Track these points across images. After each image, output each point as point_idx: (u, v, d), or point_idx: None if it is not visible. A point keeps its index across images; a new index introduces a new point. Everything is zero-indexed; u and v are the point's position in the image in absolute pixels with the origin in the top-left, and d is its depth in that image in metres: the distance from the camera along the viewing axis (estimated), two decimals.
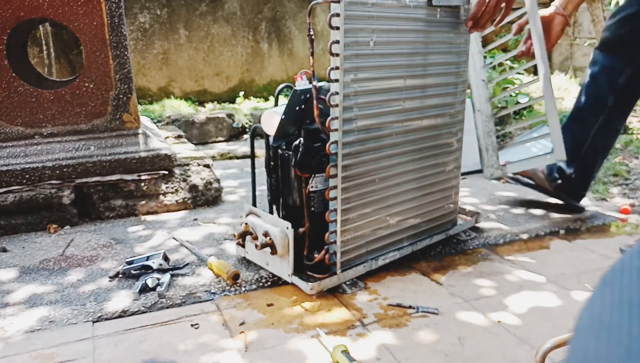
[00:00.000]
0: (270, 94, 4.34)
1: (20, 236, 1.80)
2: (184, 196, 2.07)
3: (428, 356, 1.14)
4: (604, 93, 1.86)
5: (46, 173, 1.84)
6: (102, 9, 1.86)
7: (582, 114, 1.92)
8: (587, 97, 1.90)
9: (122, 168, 1.94)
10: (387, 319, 1.29)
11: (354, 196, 1.38)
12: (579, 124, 1.92)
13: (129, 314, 1.30)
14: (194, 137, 3.36)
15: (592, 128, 1.89)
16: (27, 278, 1.48)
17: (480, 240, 1.79)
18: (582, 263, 1.65)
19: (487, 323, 1.28)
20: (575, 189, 1.99)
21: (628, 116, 1.92)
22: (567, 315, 1.33)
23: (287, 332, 1.23)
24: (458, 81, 1.60)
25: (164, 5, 3.96)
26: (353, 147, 1.34)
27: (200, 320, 1.27)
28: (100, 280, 1.46)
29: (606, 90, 1.85)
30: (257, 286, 1.45)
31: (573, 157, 1.91)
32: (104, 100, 1.94)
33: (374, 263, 1.50)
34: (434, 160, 1.60)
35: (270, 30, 4.33)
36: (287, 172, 1.42)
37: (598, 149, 1.92)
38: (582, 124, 1.92)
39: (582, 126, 1.92)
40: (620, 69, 1.82)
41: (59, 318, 1.27)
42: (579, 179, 1.97)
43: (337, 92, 1.26)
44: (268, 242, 1.39)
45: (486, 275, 1.55)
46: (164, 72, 4.03)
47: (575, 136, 1.92)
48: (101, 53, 1.90)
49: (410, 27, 1.41)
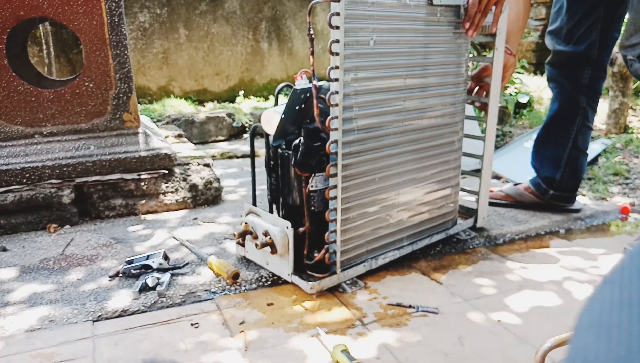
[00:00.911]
0: (270, 93, 4.34)
1: (20, 236, 1.80)
2: (184, 195, 2.06)
3: (428, 355, 1.14)
4: (573, 96, 1.94)
5: (46, 172, 1.84)
6: (102, 8, 1.86)
7: (559, 120, 1.98)
8: (559, 103, 1.97)
9: (122, 167, 1.94)
10: (387, 318, 1.29)
11: (354, 196, 1.38)
12: (558, 130, 1.98)
13: (129, 313, 1.30)
14: (194, 136, 3.36)
15: (572, 131, 1.96)
16: (27, 277, 1.48)
17: (480, 239, 1.79)
18: (582, 262, 1.65)
19: (487, 323, 1.28)
20: (568, 194, 2.02)
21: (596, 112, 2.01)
22: (567, 315, 1.33)
23: (287, 331, 1.23)
24: (458, 80, 1.60)
25: (163, 5, 3.95)
26: (353, 146, 1.34)
27: (200, 320, 1.28)
28: (100, 280, 1.46)
29: (575, 92, 1.93)
30: (257, 286, 1.45)
31: (559, 163, 1.98)
32: (104, 99, 1.94)
33: (373, 262, 1.50)
34: (434, 159, 1.60)
35: (270, 30, 4.33)
36: (287, 171, 1.42)
37: (581, 149, 1.99)
38: (561, 129, 1.98)
39: (562, 131, 1.98)
40: (580, 71, 1.91)
41: (59, 317, 1.27)
42: (570, 183, 2.01)
43: (337, 92, 1.26)
44: (268, 241, 1.39)
45: (486, 274, 1.55)
46: (164, 72, 4.03)
47: (557, 142, 1.98)
48: (101, 52, 1.90)
49: (411, 26, 1.41)
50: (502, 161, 2.66)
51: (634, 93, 3.82)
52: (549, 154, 2.00)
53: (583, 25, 1.84)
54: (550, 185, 2.00)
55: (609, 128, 3.21)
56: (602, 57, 1.90)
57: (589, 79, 1.91)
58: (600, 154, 2.78)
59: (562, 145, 1.97)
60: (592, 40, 1.85)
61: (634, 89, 3.79)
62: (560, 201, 2.02)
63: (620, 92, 3.16)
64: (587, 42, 1.85)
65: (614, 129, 3.19)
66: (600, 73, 1.92)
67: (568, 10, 1.85)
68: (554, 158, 1.99)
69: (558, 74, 1.96)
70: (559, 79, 1.96)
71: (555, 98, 1.99)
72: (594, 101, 1.96)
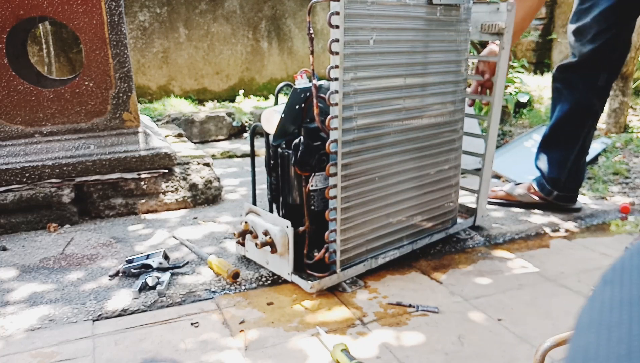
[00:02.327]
0: (270, 92, 4.34)
1: (20, 235, 1.80)
2: (184, 194, 2.06)
3: (428, 354, 1.15)
4: (587, 99, 1.92)
5: (46, 171, 1.84)
6: (101, 8, 1.86)
7: (569, 122, 1.96)
8: (570, 105, 1.94)
9: (122, 166, 1.94)
10: (387, 318, 1.29)
11: (353, 195, 1.38)
12: (568, 132, 1.97)
13: (129, 313, 1.30)
14: (194, 136, 3.36)
15: (582, 133, 1.95)
16: (27, 276, 1.48)
17: (480, 239, 1.79)
18: (582, 261, 1.65)
19: (487, 322, 1.28)
20: (571, 194, 2.03)
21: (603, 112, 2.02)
22: (567, 314, 1.33)
23: (287, 330, 1.23)
24: (458, 79, 1.60)
25: (163, 4, 3.95)
26: (353, 145, 1.34)
27: (200, 319, 1.28)
28: (100, 279, 1.46)
29: (589, 95, 1.91)
30: (257, 285, 1.45)
31: (565, 164, 1.98)
32: (104, 99, 1.94)
33: (373, 261, 1.50)
34: (434, 158, 1.60)
35: (270, 29, 4.33)
36: (287, 171, 1.42)
37: (585, 150, 2.00)
38: (570, 131, 1.96)
39: (571, 134, 1.96)
40: (597, 74, 1.88)
41: (59, 316, 1.27)
42: (574, 183, 2.01)
43: (337, 91, 1.26)
44: (268, 241, 1.39)
45: (486, 273, 1.55)
46: (164, 71, 4.03)
47: (566, 144, 1.97)
48: (101, 52, 1.90)
49: (410, 25, 1.41)
50: (502, 161, 2.66)
51: (634, 92, 3.82)
52: (555, 156, 1.99)
53: (617, 29, 1.80)
54: (555, 186, 1.99)
55: (609, 127, 3.21)
56: (620, 60, 1.89)
57: (605, 82, 1.89)
58: (600, 153, 2.78)
59: (570, 147, 1.96)
60: (618, 44, 1.84)
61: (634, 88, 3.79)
62: (564, 201, 2.02)
63: (620, 91, 3.15)
64: (613, 46, 1.83)
65: (614, 128, 3.19)
66: (615, 76, 1.92)
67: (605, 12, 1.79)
68: (560, 159, 1.97)
69: (574, 77, 1.92)
70: (573, 81, 1.92)
71: (564, 100, 1.95)
72: (604, 103, 1.96)
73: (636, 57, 3.08)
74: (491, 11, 1.64)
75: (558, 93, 1.99)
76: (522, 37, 4.47)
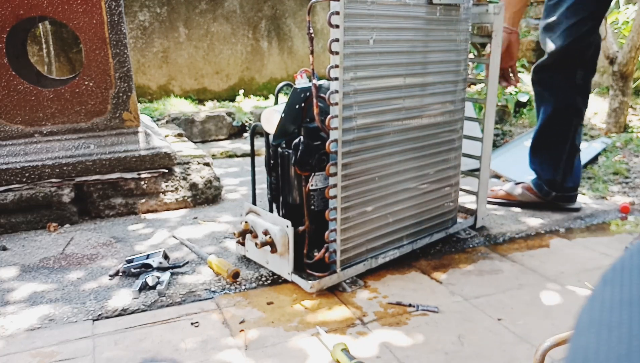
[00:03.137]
0: (270, 92, 4.34)
1: (20, 235, 1.80)
2: (184, 194, 2.06)
3: (428, 354, 1.15)
4: (569, 98, 1.93)
5: (46, 171, 1.84)
6: (101, 7, 1.86)
7: (555, 123, 1.97)
8: (553, 107, 1.95)
9: (122, 166, 1.94)
10: (387, 317, 1.29)
11: (353, 195, 1.38)
12: (555, 134, 1.97)
13: (129, 312, 1.30)
14: (194, 135, 3.36)
15: (569, 132, 1.96)
16: (28, 276, 1.48)
17: (480, 239, 1.79)
18: (582, 261, 1.65)
19: (487, 322, 1.28)
20: (569, 194, 2.03)
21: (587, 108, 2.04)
22: (567, 313, 1.33)
23: (287, 330, 1.23)
24: (458, 79, 1.60)
25: (163, 4, 3.95)
26: (353, 145, 1.34)
27: (200, 319, 1.28)
28: (100, 279, 1.46)
29: (570, 93, 1.92)
30: (257, 285, 1.45)
31: (557, 164, 1.98)
32: (104, 98, 1.94)
33: (373, 261, 1.50)
34: (433, 158, 1.60)
35: (270, 29, 4.33)
36: (287, 170, 1.42)
37: (576, 148, 2.00)
38: (558, 132, 1.97)
39: (559, 134, 1.97)
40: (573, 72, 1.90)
41: (59, 316, 1.27)
42: (571, 183, 2.02)
43: (337, 91, 1.26)
44: (268, 240, 1.39)
45: (486, 273, 1.55)
46: (164, 71, 4.03)
47: (555, 145, 1.98)
48: (101, 51, 1.90)
49: (410, 25, 1.41)
50: (502, 160, 2.66)
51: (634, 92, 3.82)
52: (546, 158, 2.00)
53: (587, 24, 1.81)
54: (552, 187, 2.00)
55: (609, 127, 3.21)
56: (594, 56, 1.90)
57: (582, 79, 1.91)
58: (600, 153, 2.78)
59: (560, 147, 1.97)
60: (590, 40, 1.84)
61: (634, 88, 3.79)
62: (562, 201, 2.03)
63: (620, 91, 3.15)
64: (586, 42, 1.84)
65: (614, 128, 3.19)
66: (591, 74, 1.93)
67: (572, 6, 1.80)
68: (552, 160, 1.98)
69: (551, 77, 1.93)
70: (551, 82, 1.93)
71: (546, 102, 1.96)
72: (587, 100, 1.97)
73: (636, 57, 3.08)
74: (480, 13, 1.64)
75: (539, 96, 2.00)
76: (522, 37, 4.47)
